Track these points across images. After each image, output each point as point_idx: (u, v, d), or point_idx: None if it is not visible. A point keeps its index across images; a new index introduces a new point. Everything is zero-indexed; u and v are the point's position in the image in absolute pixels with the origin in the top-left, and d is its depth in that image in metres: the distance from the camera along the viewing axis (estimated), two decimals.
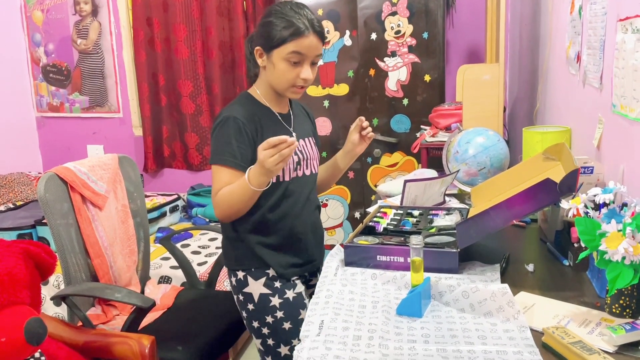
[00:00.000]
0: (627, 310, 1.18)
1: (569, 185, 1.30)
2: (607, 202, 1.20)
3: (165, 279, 2.59)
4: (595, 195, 1.23)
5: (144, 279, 2.23)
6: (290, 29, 1.52)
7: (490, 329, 1.18)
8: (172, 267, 2.66)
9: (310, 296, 1.70)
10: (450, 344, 1.12)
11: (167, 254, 2.72)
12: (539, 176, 1.65)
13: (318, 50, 1.57)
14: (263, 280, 1.65)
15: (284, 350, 1.65)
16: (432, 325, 1.21)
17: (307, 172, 1.72)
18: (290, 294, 1.67)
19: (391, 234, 1.66)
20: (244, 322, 1.72)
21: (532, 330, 1.15)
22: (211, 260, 2.71)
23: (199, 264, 2.73)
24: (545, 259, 1.56)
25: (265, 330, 1.66)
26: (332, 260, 1.56)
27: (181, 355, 1.79)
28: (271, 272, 1.66)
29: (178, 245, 2.86)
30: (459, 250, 1.44)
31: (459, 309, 1.27)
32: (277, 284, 1.66)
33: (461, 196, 2.18)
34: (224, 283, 2.57)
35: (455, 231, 1.59)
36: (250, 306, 1.66)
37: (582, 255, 1.24)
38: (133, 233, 2.14)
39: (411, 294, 1.27)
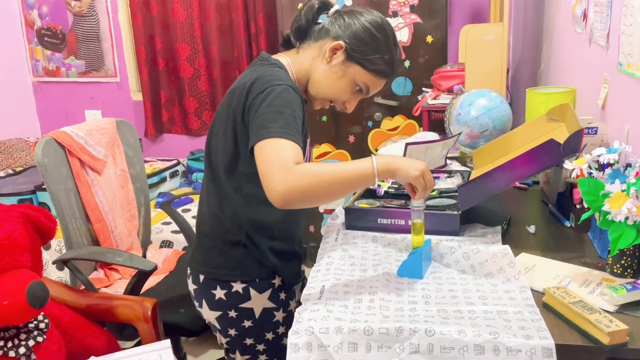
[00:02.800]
0: (629, 270, 1.18)
1: (573, 145, 1.28)
2: (612, 162, 1.18)
3: (166, 244, 2.60)
4: (599, 156, 1.21)
5: (145, 243, 2.24)
6: (387, 67, 1.33)
7: (491, 289, 1.18)
8: (174, 232, 2.66)
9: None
10: (451, 304, 1.12)
11: (168, 219, 2.72)
12: (542, 138, 1.63)
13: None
14: (269, 292, 1.36)
15: None
16: (433, 287, 1.21)
17: None
18: (292, 305, 1.42)
19: (392, 197, 1.65)
20: (225, 339, 1.40)
21: (532, 290, 1.15)
22: None
23: None
24: (546, 221, 1.56)
25: (260, 347, 1.40)
26: (333, 224, 1.55)
27: (184, 317, 1.80)
28: (277, 282, 1.38)
29: (179, 210, 2.86)
30: (460, 212, 1.43)
31: (460, 270, 1.27)
32: (282, 296, 1.39)
33: (463, 159, 2.16)
34: None
35: (456, 194, 1.58)
36: (247, 323, 1.36)
37: (584, 216, 1.23)
38: (133, 198, 2.13)
39: (412, 256, 1.27)
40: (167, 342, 1.47)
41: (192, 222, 2.65)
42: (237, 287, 1.35)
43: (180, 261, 2.19)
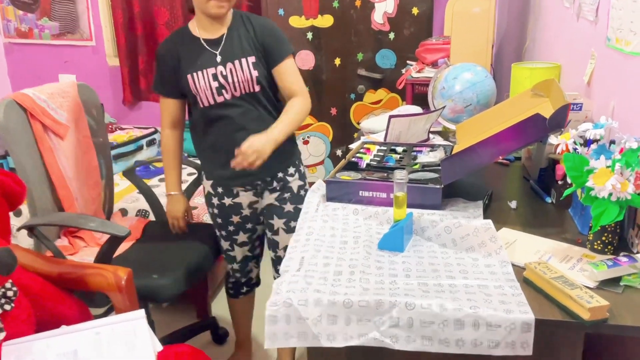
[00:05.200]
0: (609, 247, 1.17)
1: (559, 120, 1.27)
2: (598, 137, 1.16)
3: (142, 213, 2.54)
4: (585, 131, 1.19)
5: (109, 212, 2.18)
6: None
7: (471, 263, 1.17)
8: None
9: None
10: (432, 278, 1.11)
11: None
12: (527, 113, 1.61)
13: None
14: None
15: None
16: (414, 260, 1.19)
17: (237, 94, 1.73)
18: None
19: (374, 170, 1.62)
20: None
21: (513, 265, 1.14)
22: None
23: None
24: (528, 197, 1.55)
25: None
26: (314, 196, 1.52)
27: (157, 283, 1.77)
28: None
29: (156, 179, 2.80)
30: (442, 186, 1.42)
31: (441, 244, 1.26)
32: None
33: (445, 134, 2.14)
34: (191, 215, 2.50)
35: (439, 167, 1.56)
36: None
37: (567, 192, 1.22)
38: (96, 165, 2.07)
39: (393, 229, 1.25)
40: (141, 312, 1.44)
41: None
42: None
43: (147, 229, 2.14)
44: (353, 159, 1.69)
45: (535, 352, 0.96)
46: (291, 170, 1.88)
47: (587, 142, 1.24)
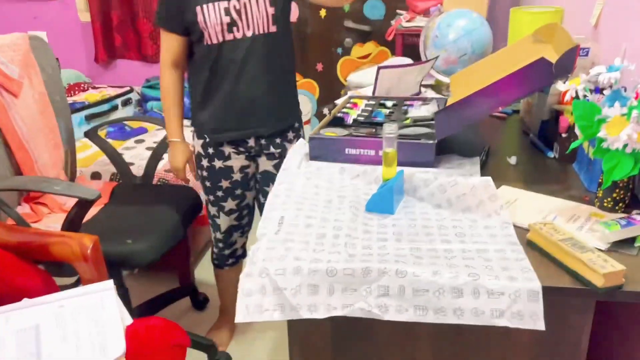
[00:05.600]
0: (620, 204, 1.06)
1: (566, 64, 1.14)
2: (613, 81, 1.04)
3: (117, 177, 2.40)
4: (598, 75, 1.06)
5: (72, 176, 2.04)
6: None
7: (469, 225, 1.05)
8: (129, 163, 2.45)
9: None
10: (425, 242, 1.00)
11: (122, 149, 2.52)
12: (528, 60, 1.47)
13: None
14: None
15: None
16: (405, 223, 1.08)
17: (248, 34, 1.56)
18: None
19: (361, 126, 1.49)
20: None
21: (515, 227, 1.03)
22: (165, 158, 2.50)
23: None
24: (528, 152, 1.43)
25: None
26: (295, 155, 1.39)
27: (131, 248, 1.65)
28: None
29: (131, 140, 2.65)
30: (436, 141, 1.29)
31: (435, 205, 1.14)
32: None
33: (438, 87, 2.00)
34: (159, 177, 2.38)
35: (431, 122, 1.44)
36: None
37: (574, 144, 1.10)
38: (55, 124, 1.91)
39: (382, 189, 1.13)
40: (109, 283, 1.32)
41: (145, 154, 2.46)
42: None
43: (115, 192, 2.01)
44: (339, 115, 1.55)
45: None
46: (290, 135, 1.74)
47: (596, 90, 1.12)
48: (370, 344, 0.98)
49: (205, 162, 1.73)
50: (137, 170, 2.24)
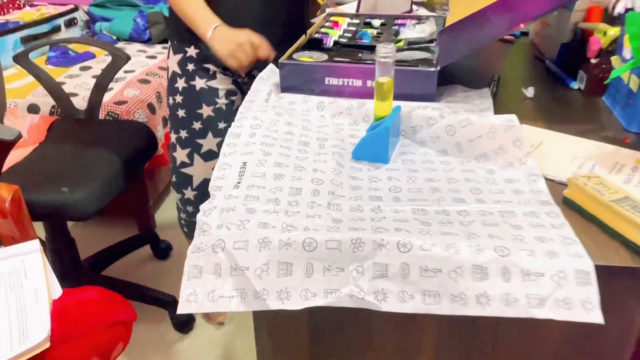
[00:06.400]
0: None
1: None
2: None
3: (57, 110, 2.08)
4: None
5: (1, 109, 1.73)
6: None
7: (486, 178, 0.82)
8: (71, 94, 2.12)
9: None
10: (431, 201, 0.76)
11: (64, 77, 2.19)
12: None
13: None
14: None
15: None
16: (404, 175, 0.83)
17: None
18: None
19: (344, 50, 1.22)
20: None
21: (546, 179, 0.80)
22: (115, 88, 2.18)
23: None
24: (544, 82, 1.19)
25: None
26: (263, 83, 1.12)
27: (69, 198, 1.38)
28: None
29: (76, 67, 2.30)
30: (439, 68, 1.03)
31: (440, 151, 0.90)
32: None
33: (431, 5, 1.71)
34: (108, 111, 2.06)
35: (429, 45, 1.17)
36: None
37: (617, 71, 0.86)
38: None
39: (374, 130, 0.88)
40: (34, 244, 1.07)
41: (90, 82, 2.12)
42: None
43: (53, 129, 1.71)
44: (316, 35, 1.27)
45: None
46: None
47: None
48: (360, 331, 0.76)
49: (181, 83, 1.37)
50: (82, 103, 1.93)
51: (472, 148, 0.87)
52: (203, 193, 1.44)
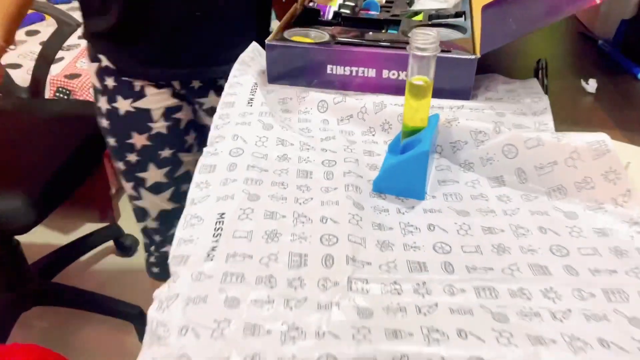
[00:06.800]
0: None
1: None
2: None
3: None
4: None
5: None
6: None
7: (568, 228, 0.57)
8: (12, 66, 1.80)
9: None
10: (500, 272, 0.51)
11: None
12: None
13: None
14: None
15: None
16: (450, 221, 0.58)
17: None
18: None
19: (347, 25, 0.95)
20: None
21: None
22: (67, 57, 1.86)
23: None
24: (600, 70, 0.94)
25: None
26: (245, 73, 0.84)
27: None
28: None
29: (22, 31, 1.96)
30: (479, 56, 0.77)
31: (494, 179, 0.65)
32: None
33: None
34: (58, 87, 1.75)
35: (457, 20, 0.91)
36: None
37: None
38: None
39: (407, 155, 0.62)
40: None
41: (34, 50, 1.79)
42: None
43: None
44: (310, 5, 0.99)
45: None
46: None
47: None
48: None
49: (103, 103, 1.02)
50: (26, 76, 1.62)
51: (541, 178, 0.62)
52: (166, 227, 1.14)
